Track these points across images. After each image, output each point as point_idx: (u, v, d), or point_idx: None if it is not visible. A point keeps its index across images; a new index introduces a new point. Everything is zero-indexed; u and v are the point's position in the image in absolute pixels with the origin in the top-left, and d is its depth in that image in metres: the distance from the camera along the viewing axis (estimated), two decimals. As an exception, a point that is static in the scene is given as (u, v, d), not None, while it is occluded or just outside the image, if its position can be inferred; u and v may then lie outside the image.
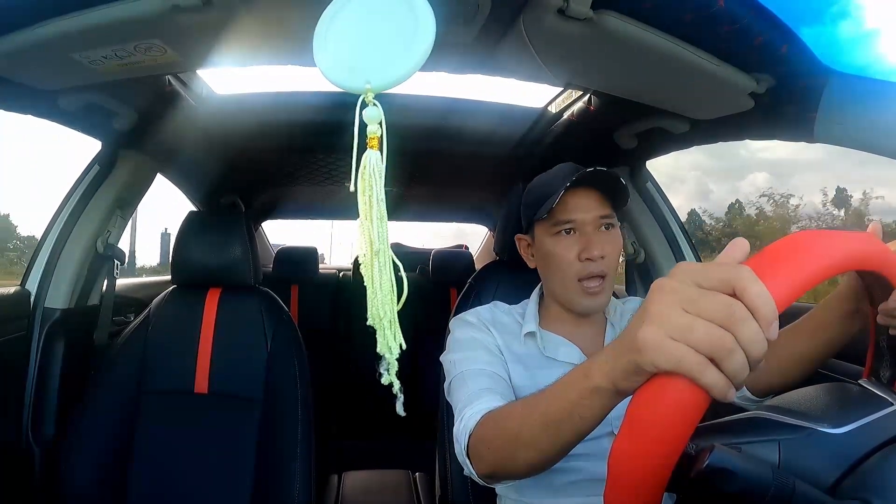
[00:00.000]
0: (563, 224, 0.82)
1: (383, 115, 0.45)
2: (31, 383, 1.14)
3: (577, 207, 0.81)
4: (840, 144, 0.75)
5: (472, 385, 0.75)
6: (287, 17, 0.74)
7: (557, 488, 0.79)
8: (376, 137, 0.45)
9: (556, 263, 0.83)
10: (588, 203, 0.81)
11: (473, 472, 0.66)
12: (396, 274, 0.45)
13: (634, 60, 0.78)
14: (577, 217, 0.81)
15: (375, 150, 0.45)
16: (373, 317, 0.45)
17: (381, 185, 0.44)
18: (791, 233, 0.39)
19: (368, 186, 0.44)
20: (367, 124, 0.45)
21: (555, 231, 0.83)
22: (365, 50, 0.46)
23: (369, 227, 0.44)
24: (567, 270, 0.82)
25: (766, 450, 0.38)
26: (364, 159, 0.45)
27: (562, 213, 0.81)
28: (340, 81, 0.46)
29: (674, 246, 1.39)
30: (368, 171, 0.44)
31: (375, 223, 0.44)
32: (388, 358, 0.46)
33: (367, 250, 0.45)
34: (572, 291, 0.82)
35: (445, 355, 0.85)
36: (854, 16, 0.59)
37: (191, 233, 1.20)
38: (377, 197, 0.44)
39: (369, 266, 0.45)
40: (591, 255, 0.79)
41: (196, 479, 1.07)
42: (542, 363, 0.84)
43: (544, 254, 0.85)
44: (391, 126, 0.44)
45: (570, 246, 0.81)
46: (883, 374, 0.46)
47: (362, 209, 0.44)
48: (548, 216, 0.82)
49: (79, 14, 0.70)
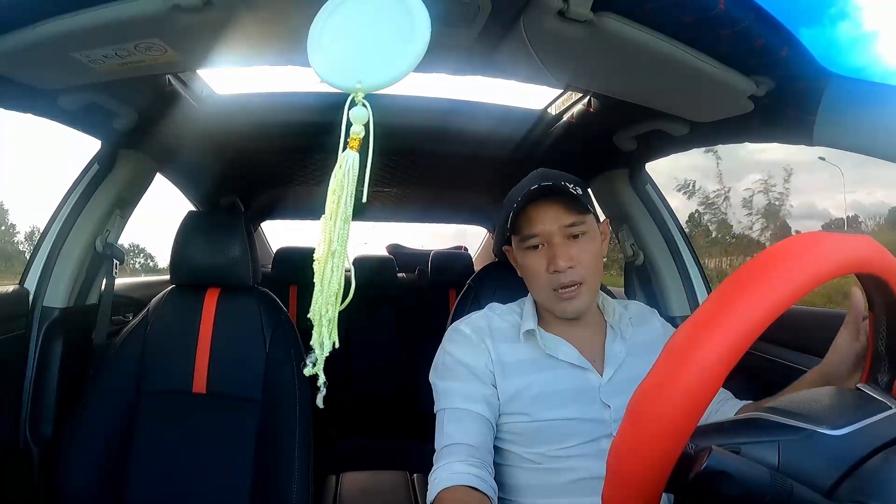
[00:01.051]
0: (528, 238, 0.83)
1: (371, 116, 0.44)
2: (30, 382, 1.14)
3: (540, 219, 0.81)
4: (839, 147, 0.75)
5: (448, 431, 0.79)
6: (287, 17, 0.74)
7: (556, 488, 0.80)
8: (358, 139, 0.45)
9: (530, 276, 0.85)
10: (551, 214, 0.81)
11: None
12: (347, 276, 0.46)
13: (634, 63, 0.78)
14: (541, 229, 0.82)
15: (354, 151, 0.45)
16: (314, 312, 0.45)
17: (353, 186, 0.44)
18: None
19: (340, 186, 0.44)
20: (353, 123, 0.44)
21: (524, 246, 0.84)
22: (359, 50, 0.46)
23: (331, 227, 0.44)
24: (541, 283, 0.83)
25: (766, 451, 0.38)
26: (341, 159, 0.44)
27: (526, 228, 0.83)
28: (332, 80, 0.46)
29: (673, 248, 1.39)
30: (343, 170, 0.44)
31: (338, 224, 0.44)
32: (318, 353, 0.46)
33: (325, 248, 0.45)
34: (551, 300, 0.84)
35: (432, 374, 0.87)
36: (853, 17, 0.59)
37: (190, 233, 1.19)
38: (347, 198, 0.44)
39: (322, 264, 0.45)
40: (557, 267, 0.80)
41: (194, 479, 1.07)
42: (541, 364, 0.84)
43: (521, 266, 0.88)
44: (391, 127, 0.44)
45: (539, 259, 0.83)
46: (881, 378, 0.46)
47: (329, 208, 0.44)
48: (515, 231, 0.84)
49: (79, 13, 0.70)
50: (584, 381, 0.82)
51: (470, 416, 0.80)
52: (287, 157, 1.73)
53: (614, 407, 0.80)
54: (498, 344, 0.86)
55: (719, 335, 0.34)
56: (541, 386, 0.82)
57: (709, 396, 0.34)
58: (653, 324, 0.92)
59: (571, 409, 0.80)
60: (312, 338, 0.46)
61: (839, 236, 0.38)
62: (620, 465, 0.36)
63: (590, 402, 0.81)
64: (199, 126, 1.28)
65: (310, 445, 1.07)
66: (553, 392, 0.81)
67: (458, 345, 0.86)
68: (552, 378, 0.82)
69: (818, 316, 1.09)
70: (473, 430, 0.78)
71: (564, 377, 0.82)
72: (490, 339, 0.86)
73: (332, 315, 0.45)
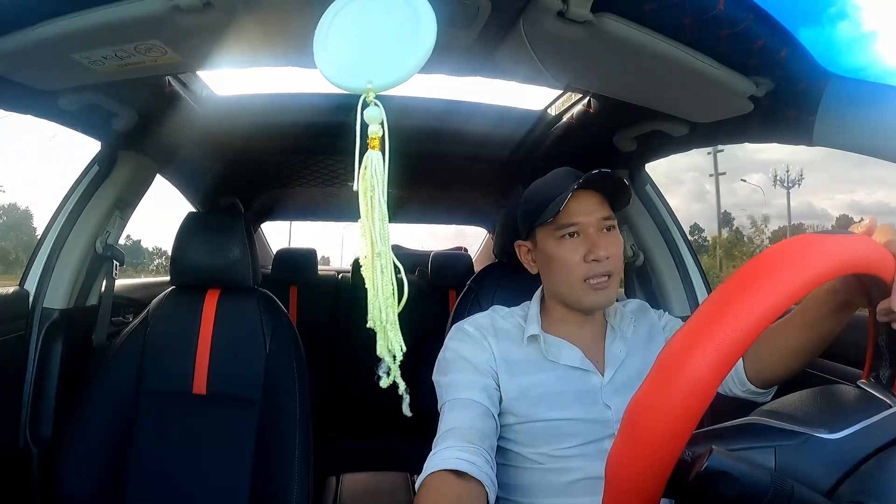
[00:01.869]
0: (566, 227, 0.82)
1: (385, 116, 0.44)
2: (30, 383, 1.14)
3: (580, 210, 0.82)
4: (839, 148, 0.75)
5: (445, 421, 0.77)
6: (288, 18, 0.74)
7: (558, 488, 0.80)
8: (377, 138, 0.44)
9: (561, 266, 0.83)
10: (590, 206, 0.82)
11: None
12: (397, 276, 0.45)
13: (634, 63, 0.78)
14: (581, 220, 0.82)
15: (377, 151, 0.44)
16: (373, 319, 0.45)
17: (384, 185, 0.44)
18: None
19: (370, 187, 0.44)
20: (369, 124, 0.44)
21: (559, 235, 0.83)
22: (366, 50, 0.46)
23: (371, 228, 0.44)
24: (573, 273, 0.82)
25: (762, 456, 0.38)
26: (365, 160, 0.44)
27: (565, 217, 0.82)
28: (341, 82, 0.46)
29: (673, 249, 1.39)
30: (370, 171, 0.44)
31: (377, 224, 0.44)
32: (388, 361, 0.46)
33: (369, 252, 0.44)
34: (579, 291, 0.83)
35: (435, 373, 0.86)
36: (852, 17, 0.59)
37: (190, 234, 1.19)
38: (379, 197, 0.44)
39: (370, 268, 0.44)
40: (597, 256, 0.80)
41: (194, 480, 1.07)
42: (543, 365, 0.84)
43: (548, 258, 0.85)
44: (391, 127, 0.44)
45: (574, 248, 0.82)
46: (882, 374, 0.46)
47: (364, 210, 0.44)
48: (551, 221, 0.82)
49: (79, 14, 0.70)
50: (586, 383, 0.82)
51: (464, 403, 0.79)
52: (287, 158, 1.73)
53: (615, 407, 0.80)
54: (502, 342, 0.86)
55: (713, 343, 0.34)
56: (543, 387, 0.82)
57: (703, 405, 0.34)
58: (649, 316, 0.93)
59: (573, 409, 0.80)
60: (378, 346, 0.45)
61: (839, 237, 0.38)
62: (618, 474, 0.36)
63: (591, 402, 0.81)
64: (199, 127, 1.28)
65: (310, 446, 1.07)
66: (555, 393, 0.81)
67: (459, 341, 0.87)
68: (554, 379, 0.83)
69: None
70: (467, 416, 0.77)
71: (567, 379, 0.83)
72: (493, 337, 0.86)
73: (392, 318, 0.45)
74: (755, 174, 46.58)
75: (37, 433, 1.12)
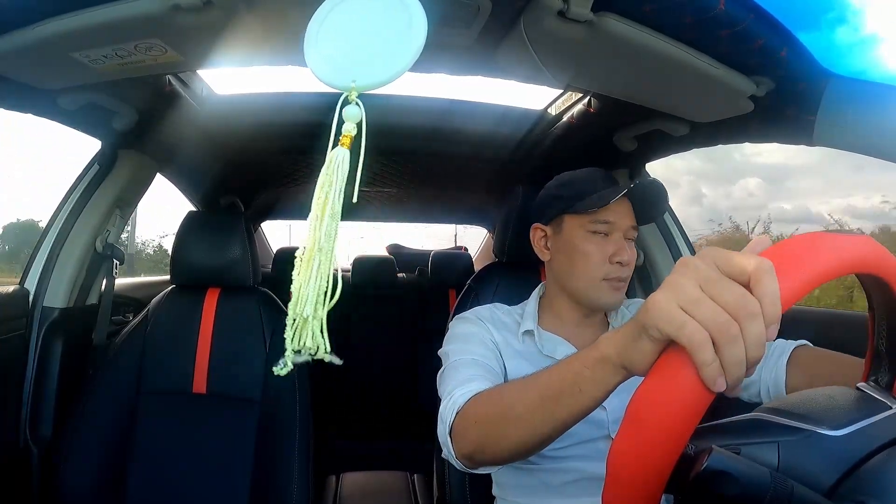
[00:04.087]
0: (602, 224, 0.83)
1: (364, 116, 0.44)
2: (30, 383, 1.14)
3: (618, 213, 0.84)
4: (839, 148, 0.75)
5: (464, 371, 0.75)
6: (288, 17, 0.74)
7: (553, 488, 0.80)
8: (349, 136, 0.44)
9: (584, 260, 0.84)
10: (626, 211, 0.85)
11: (453, 452, 0.65)
12: (333, 276, 0.43)
13: (634, 63, 0.78)
14: (616, 221, 0.83)
15: (345, 149, 0.44)
16: (292, 311, 0.43)
17: (342, 184, 0.44)
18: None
19: (328, 182, 0.43)
20: (345, 121, 0.44)
21: (591, 229, 0.84)
22: (354, 49, 0.45)
23: (317, 225, 0.43)
24: (595, 269, 0.83)
25: (766, 451, 0.38)
26: (330, 155, 0.44)
27: (605, 214, 0.83)
28: (326, 78, 0.46)
29: (673, 249, 1.39)
30: (332, 167, 0.44)
31: (326, 220, 0.43)
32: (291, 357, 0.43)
33: (310, 246, 0.43)
34: (597, 288, 0.84)
35: (441, 349, 0.85)
36: (851, 22, 0.59)
37: (190, 233, 1.20)
38: (335, 195, 0.43)
39: (307, 262, 0.43)
40: (622, 258, 0.82)
41: (194, 479, 1.07)
42: (538, 363, 0.84)
43: (572, 248, 0.85)
44: (392, 127, 0.44)
45: (602, 246, 0.83)
46: (882, 378, 0.46)
47: (316, 204, 0.44)
48: (590, 212, 0.83)
49: (79, 13, 0.70)
50: None
51: (482, 366, 0.77)
52: (287, 158, 1.73)
53: (611, 409, 0.79)
54: (501, 332, 0.86)
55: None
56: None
57: (708, 398, 0.34)
58: None
59: None
60: (292, 340, 0.43)
61: (838, 237, 0.38)
62: (620, 467, 0.36)
63: None
64: (199, 126, 1.28)
65: (310, 445, 1.07)
66: None
67: (464, 324, 0.87)
68: None
69: (824, 317, 1.09)
70: (490, 375, 0.76)
71: None
72: (493, 326, 0.87)
73: (317, 315, 0.43)
74: (752, 178, 46.65)
75: (37, 433, 1.12)
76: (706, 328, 0.33)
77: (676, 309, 0.35)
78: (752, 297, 0.33)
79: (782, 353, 0.71)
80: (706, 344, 0.33)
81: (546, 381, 0.53)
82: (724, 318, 0.33)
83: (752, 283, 0.33)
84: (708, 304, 0.34)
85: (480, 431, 0.61)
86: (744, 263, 0.34)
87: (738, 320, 0.33)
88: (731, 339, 0.33)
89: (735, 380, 0.33)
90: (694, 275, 0.35)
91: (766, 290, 0.33)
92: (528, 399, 0.54)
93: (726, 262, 0.35)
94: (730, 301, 0.33)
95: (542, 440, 0.55)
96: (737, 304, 0.33)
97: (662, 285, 0.37)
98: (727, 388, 0.33)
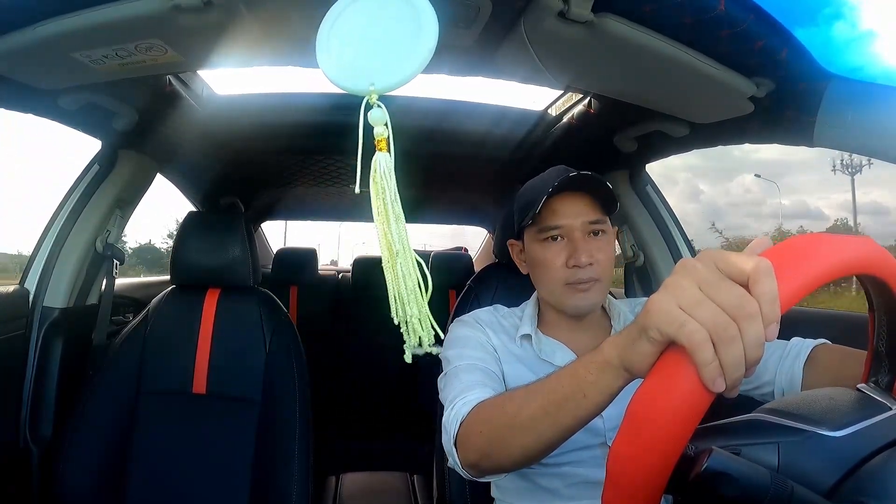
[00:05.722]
0: (549, 230, 0.81)
1: (388, 117, 0.44)
2: (30, 383, 1.14)
3: (565, 213, 0.80)
4: (839, 148, 0.75)
5: (466, 378, 0.74)
6: (288, 17, 0.74)
7: (549, 493, 0.79)
8: (384, 139, 0.44)
9: (543, 270, 0.82)
10: (576, 209, 0.80)
11: (458, 461, 0.65)
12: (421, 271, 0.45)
13: (634, 64, 0.78)
14: (565, 223, 0.80)
15: (384, 152, 0.44)
16: (399, 317, 0.45)
17: (394, 185, 0.44)
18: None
19: (381, 189, 0.44)
20: (374, 126, 0.44)
21: (542, 237, 0.82)
22: (368, 52, 0.46)
23: (387, 230, 0.44)
24: (555, 277, 0.81)
25: (766, 452, 0.38)
26: (374, 162, 0.44)
27: (549, 219, 0.80)
28: (344, 83, 0.46)
29: (673, 249, 1.38)
30: (380, 173, 0.44)
31: (393, 225, 0.44)
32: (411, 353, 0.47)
33: (388, 253, 0.44)
34: (560, 295, 0.81)
35: (441, 353, 0.84)
36: (848, 17, 0.59)
37: (190, 233, 1.20)
38: (391, 198, 0.44)
39: (391, 268, 0.45)
40: (578, 261, 0.78)
41: (194, 480, 1.07)
42: (537, 369, 0.83)
43: (532, 260, 0.85)
44: (392, 128, 0.44)
45: (557, 252, 0.80)
46: (881, 379, 0.46)
47: (377, 212, 0.44)
48: (534, 222, 0.81)
49: (79, 13, 0.70)
50: None
51: (482, 371, 0.77)
52: (287, 158, 1.73)
53: (607, 416, 0.78)
54: (499, 336, 0.86)
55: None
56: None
57: (708, 398, 0.34)
58: None
59: None
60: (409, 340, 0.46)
61: (839, 237, 0.38)
62: (620, 468, 0.36)
63: None
64: (200, 126, 1.28)
65: (309, 446, 1.07)
66: None
67: (460, 328, 0.87)
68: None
69: (826, 317, 1.09)
70: (491, 381, 0.75)
71: None
72: (491, 330, 0.86)
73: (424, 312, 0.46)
74: (748, 174, 46.59)
75: (37, 433, 1.12)
76: (706, 328, 0.33)
77: (676, 309, 0.35)
78: (750, 298, 0.33)
79: (798, 354, 0.69)
80: (706, 344, 0.33)
81: (550, 387, 0.53)
82: (724, 319, 0.33)
83: (751, 283, 0.33)
84: (708, 304, 0.34)
85: (485, 440, 0.61)
86: (743, 264, 0.34)
87: (737, 321, 0.33)
88: (729, 339, 0.33)
89: (734, 380, 0.33)
90: (694, 276, 0.36)
91: (764, 291, 0.33)
92: (533, 406, 0.54)
93: (726, 262, 0.35)
94: (728, 302, 0.33)
95: (547, 447, 0.54)
96: (735, 304, 0.33)
97: (662, 286, 0.37)
98: (726, 388, 0.33)
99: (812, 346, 0.69)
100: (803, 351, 0.69)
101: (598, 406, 0.48)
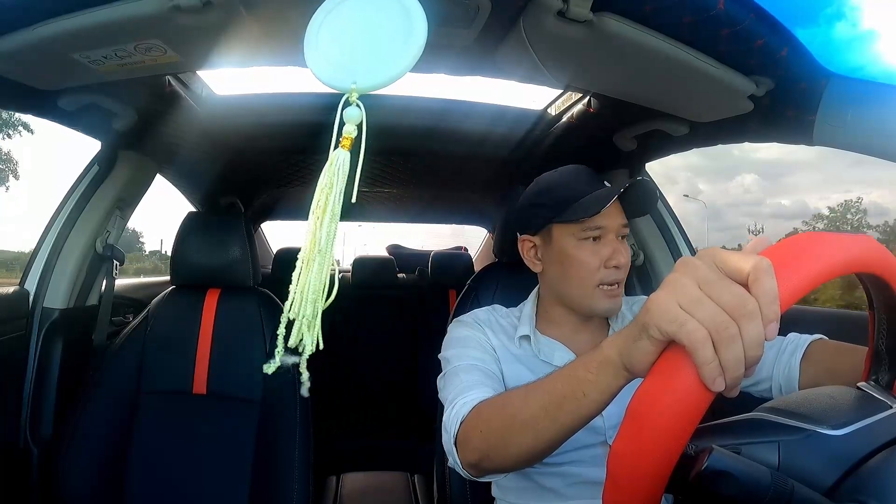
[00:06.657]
0: (593, 230, 0.80)
1: (364, 117, 0.44)
2: (30, 383, 1.14)
3: (608, 215, 0.80)
4: (839, 147, 0.75)
5: (465, 378, 0.74)
6: (287, 18, 0.74)
7: (552, 492, 0.79)
8: (350, 138, 0.44)
9: (577, 268, 0.81)
10: (616, 211, 0.82)
11: (458, 461, 0.65)
12: (331, 276, 0.44)
13: (634, 63, 0.78)
14: (607, 224, 0.80)
15: (346, 151, 0.44)
16: (294, 311, 0.44)
17: (342, 185, 0.44)
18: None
19: (329, 185, 0.44)
20: (345, 122, 0.44)
21: (582, 236, 0.81)
22: (355, 50, 0.45)
23: (317, 226, 0.43)
24: (589, 276, 0.80)
25: (766, 451, 0.38)
26: (332, 157, 0.44)
27: (596, 219, 0.80)
28: (327, 80, 0.46)
29: (673, 248, 1.39)
30: (333, 168, 0.44)
31: (326, 222, 0.43)
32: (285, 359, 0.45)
33: (310, 248, 0.44)
34: (592, 296, 0.81)
35: (441, 354, 0.85)
36: (849, 17, 0.59)
37: (190, 233, 1.20)
38: (335, 196, 0.43)
39: (307, 264, 0.44)
40: (618, 262, 0.80)
41: (194, 480, 1.07)
42: (536, 369, 0.83)
43: (564, 257, 0.83)
44: (392, 127, 0.44)
45: (594, 252, 0.80)
46: (882, 377, 0.46)
47: (316, 204, 0.44)
48: (579, 221, 0.80)
49: (79, 14, 0.70)
50: None
51: (482, 371, 0.77)
52: (287, 158, 1.73)
53: (607, 415, 0.78)
54: (498, 336, 0.86)
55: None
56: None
57: (708, 397, 0.34)
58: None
59: None
60: (291, 338, 0.45)
61: (838, 236, 0.38)
62: (621, 467, 0.36)
63: None
64: (199, 127, 1.28)
65: (310, 446, 1.07)
66: None
67: (462, 327, 0.87)
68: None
69: (824, 316, 1.09)
70: (490, 381, 0.75)
71: None
72: (490, 330, 0.86)
73: (313, 314, 0.44)
74: (748, 174, 46.59)
75: (37, 433, 1.12)
76: (706, 327, 0.33)
77: (677, 308, 0.35)
78: (750, 297, 0.33)
79: (795, 350, 0.70)
80: (706, 342, 0.33)
81: (550, 387, 0.53)
82: (724, 318, 0.33)
83: (751, 282, 0.33)
84: (707, 303, 0.34)
85: (485, 440, 0.61)
86: (742, 263, 0.34)
87: (737, 320, 0.33)
88: (729, 338, 0.33)
89: (734, 379, 0.33)
90: (694, 274, 0.36)
91: (764, 290, 0.33)
92: (533, 406, 0.54)
93: (725, 261, 0.35)
94: (728, 301, 0.33)
95: (547, 447, 0.54)
96: (735, 303, 0.33)
97: (662, 285, 0.37)
98: (726, 387, 0.33)
99: (808, 342, 0.70)
100: (800, 347, 0.70)
101: (599, 405, 0.48)
